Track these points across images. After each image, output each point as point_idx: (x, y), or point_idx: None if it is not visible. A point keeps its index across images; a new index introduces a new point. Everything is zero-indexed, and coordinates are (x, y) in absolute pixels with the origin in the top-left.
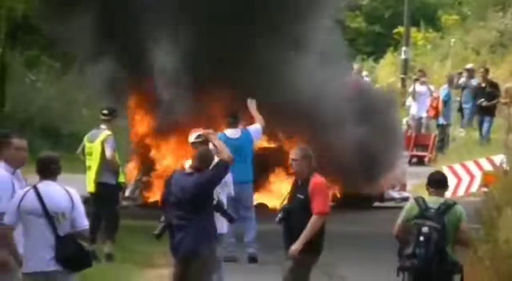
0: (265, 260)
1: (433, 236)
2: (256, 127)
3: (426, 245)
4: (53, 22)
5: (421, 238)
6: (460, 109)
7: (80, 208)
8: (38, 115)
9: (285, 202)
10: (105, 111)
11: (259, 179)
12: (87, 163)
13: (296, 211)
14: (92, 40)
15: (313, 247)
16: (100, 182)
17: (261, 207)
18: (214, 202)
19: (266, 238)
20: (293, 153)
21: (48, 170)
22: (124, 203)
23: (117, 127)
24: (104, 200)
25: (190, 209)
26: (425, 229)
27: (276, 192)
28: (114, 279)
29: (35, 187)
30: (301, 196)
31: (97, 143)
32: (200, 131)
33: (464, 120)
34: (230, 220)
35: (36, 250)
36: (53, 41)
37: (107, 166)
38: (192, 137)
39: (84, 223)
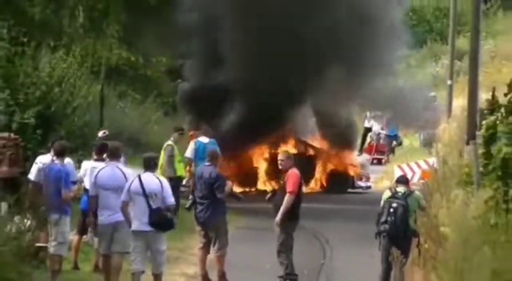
0: (264, 226)
1: (399, 209)
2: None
3: (395, 215)
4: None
5: (391, 210)
6: None
7: (167, 190)
8: (125, 130)
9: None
10: (177, 129)
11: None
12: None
13: (279, 192)
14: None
15: (291, 216)
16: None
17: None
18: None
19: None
20: (281, 155)
21: (149, 165)
22: (182, 189)
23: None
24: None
25: (206, 190)
26: (394, 204)
27: None
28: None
29: (139, 176)
30: (282, 182)
31: (162, 150)
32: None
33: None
34: (238, 199)
35: (139, 217)
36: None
37: (166, 168)
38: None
39: (170, 199)
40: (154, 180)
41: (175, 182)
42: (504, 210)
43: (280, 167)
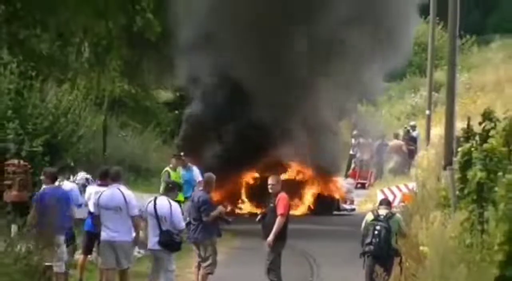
0: (254, 246)
1: (382, 231)
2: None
3: (379, 237)
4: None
5: (376, 232)
6: None
7: (177, 215)
8: (127, 157)
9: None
10: (174, 155)
11: None
12: None
13: (269, 214)
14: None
15: (280, 237)
16: None
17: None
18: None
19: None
20: (271, 180)
21: (167, 189)
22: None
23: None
24: None
25: (195, 213)
26: (377, 227)
27: None
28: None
29: (154, 199)
30: (272, 205)
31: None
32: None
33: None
34: (227, 222)
35: (151, 237)
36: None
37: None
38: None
39: (180, 224)
40: (166, 205)
41: None
42: (479, 231)
43: (270, 190)
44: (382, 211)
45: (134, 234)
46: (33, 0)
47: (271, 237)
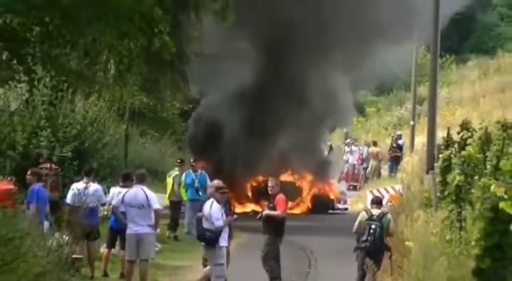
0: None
1: (377, 230)
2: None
3: (374, 235)
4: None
5: (371, 231)
6: None
7: (213, 215)
8: (145, 162)
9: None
10: (178, 160)
11: None
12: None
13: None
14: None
15: (278, 233)
16: (171, 200)
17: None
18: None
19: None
20: (270, 182)
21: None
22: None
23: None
24: (173, 208)
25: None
26: (373, 226)
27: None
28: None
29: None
30: (271, 205)
31: (171, 178)
32: None
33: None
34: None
35: None
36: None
37: (175, 193)
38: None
39: (217, 223)
40: (209, 206)
41: (177, 204)
42: (457, 228)
43: (269, 192)
44: (375, 211)
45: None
46: (64, 23)
47: (265, 213)
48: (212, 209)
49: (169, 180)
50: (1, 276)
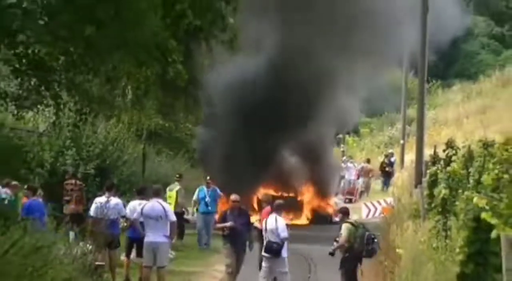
0: None
1: (369, 236)
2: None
3: (366, 239)
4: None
5: (365, 237)
6: None
7: (280, 227)
8: (161, 178)
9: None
10: (177, 175)
11: None
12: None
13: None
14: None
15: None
16: (175, 211)
17: None
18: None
19: None
20: (262, 197)
21: (276, 209)
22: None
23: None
24: (178, 218)
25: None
26: (367, 233)
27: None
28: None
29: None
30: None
31: (174, 192)
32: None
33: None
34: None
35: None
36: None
37: (179, 204)
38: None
39: (282, 234)
40: (273, 220)
41: (181, 215)
42: (443, 237)
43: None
44: (352, 220)
45: (170, 238)
46: (87, 52)
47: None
48: (278, 223)
49: (171, 194)
50: None
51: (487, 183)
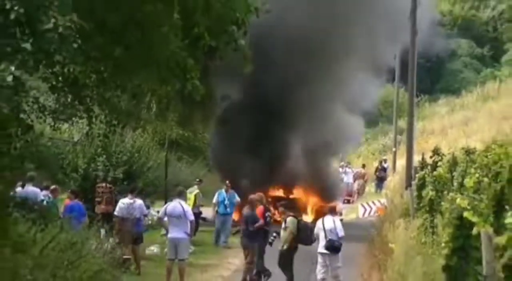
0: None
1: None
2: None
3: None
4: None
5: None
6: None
7: (338, 227)
8: (182, 182)
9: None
10: (198, 180)
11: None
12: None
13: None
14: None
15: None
16: (193, 211)
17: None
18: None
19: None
20: (256, 196)
21: (330, 211)
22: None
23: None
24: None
25: (244, 225)
26: (309, 225)
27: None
28: (215, 252)
29: (323, 218)
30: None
31: (192, 195)
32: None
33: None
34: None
35: (321, 244)
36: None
37: (196, 205)
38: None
39: (340, 233)
40: (331, 221)
41: (198, 215)
42: (430, 233)
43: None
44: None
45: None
46: (116, 71)
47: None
48: (336, 223)
49: (190, 196)
50: (67, 273)
51: (469, 185)
